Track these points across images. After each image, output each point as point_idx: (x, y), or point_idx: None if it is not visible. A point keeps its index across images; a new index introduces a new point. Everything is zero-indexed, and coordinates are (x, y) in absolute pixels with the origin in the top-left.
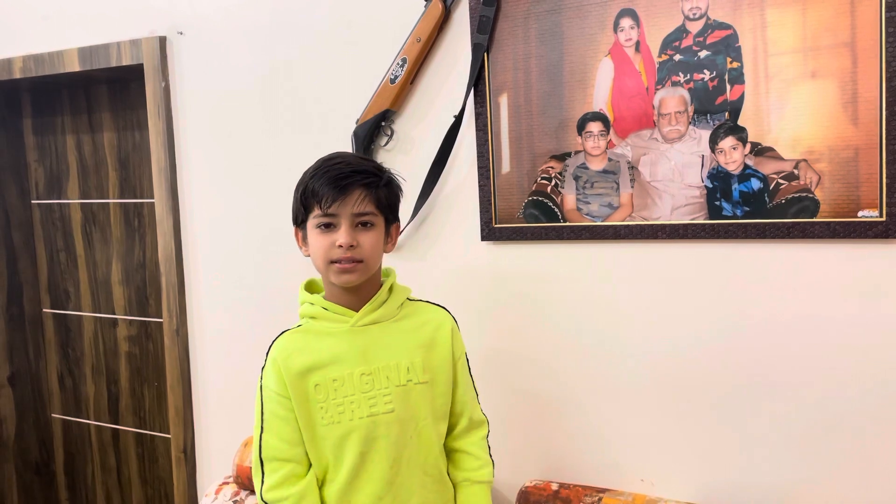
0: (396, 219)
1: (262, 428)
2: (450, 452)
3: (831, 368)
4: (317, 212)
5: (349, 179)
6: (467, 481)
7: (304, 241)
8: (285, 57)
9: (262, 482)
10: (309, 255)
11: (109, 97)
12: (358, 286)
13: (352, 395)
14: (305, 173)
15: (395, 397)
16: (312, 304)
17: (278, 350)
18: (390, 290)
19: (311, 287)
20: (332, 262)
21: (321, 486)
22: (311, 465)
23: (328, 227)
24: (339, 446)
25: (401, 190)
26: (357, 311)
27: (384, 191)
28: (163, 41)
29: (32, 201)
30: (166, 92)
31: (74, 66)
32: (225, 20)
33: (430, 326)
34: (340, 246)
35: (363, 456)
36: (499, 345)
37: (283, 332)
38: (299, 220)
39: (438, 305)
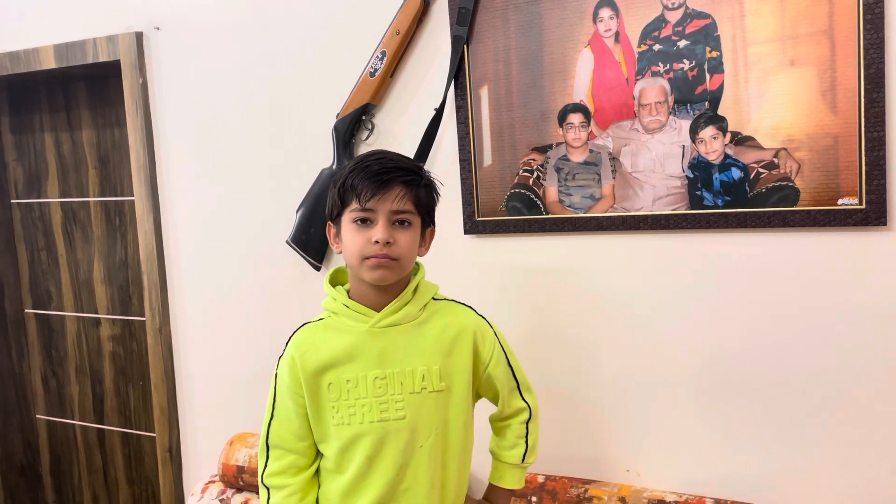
0: (433, 222)
1: (272, 415)
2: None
3: (813, 356)
4: (354, 206)
5: (390, 175)
6: (494, 457)
7: (336, 236)
8: (264, 51)
9: (266, 466)
10: (341, 252)
11: (87, 94)
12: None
13: (364, 398)
14: (344, 168)
15: (407, 404)
16: (335, 298)
17: (296, 346)
18: (415, 290)
19: (335, 278)
20: (367, 258)
21: (327, 482)
22: (315, 459)
23: (364, 222)
24: (347, 448)
25: (438, 195)
26: (379, 310)
27: (423, 191)
28: (139, 37)
29: (12, 201)
30: (144, 88)
31: (51, 64)
32: (202, 15)
33: (452, 331)
34: (377, 242)
35: (370, 460)
36: None
37: (304, 324)
38: (334, 215)
39: (466, 306)
